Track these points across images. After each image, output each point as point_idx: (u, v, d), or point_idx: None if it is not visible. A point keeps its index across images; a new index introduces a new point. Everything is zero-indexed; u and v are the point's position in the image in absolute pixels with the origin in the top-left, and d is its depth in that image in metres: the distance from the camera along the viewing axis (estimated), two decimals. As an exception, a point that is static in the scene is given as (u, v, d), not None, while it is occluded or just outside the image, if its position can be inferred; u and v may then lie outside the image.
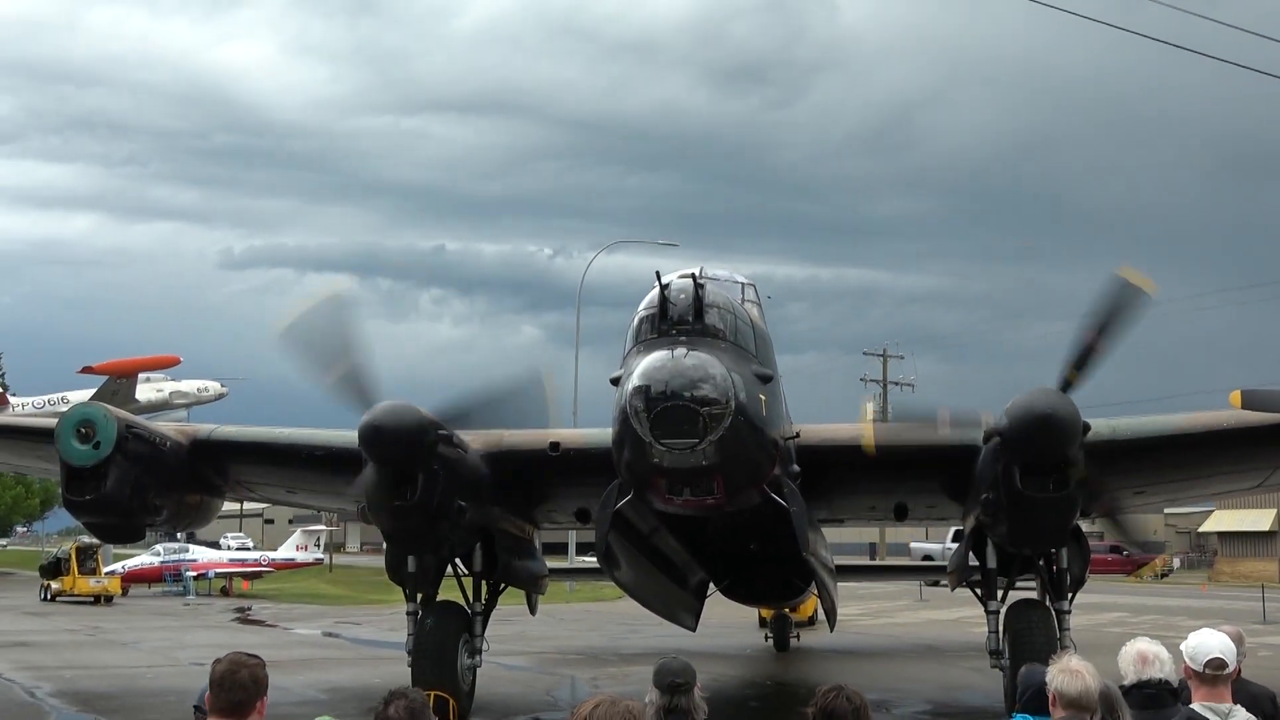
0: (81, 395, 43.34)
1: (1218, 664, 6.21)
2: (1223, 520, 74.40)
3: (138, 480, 18.18)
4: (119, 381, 47.07)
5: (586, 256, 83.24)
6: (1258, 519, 70.93)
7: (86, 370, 48.43)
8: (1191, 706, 6.20)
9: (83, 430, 17.63)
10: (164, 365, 52.16)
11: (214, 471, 19.97)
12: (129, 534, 19.89)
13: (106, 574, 51.74)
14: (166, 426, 20.20)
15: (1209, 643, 6.32)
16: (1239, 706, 6.23)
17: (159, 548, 59.00)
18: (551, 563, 26.47)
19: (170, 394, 53.13)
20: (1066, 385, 16.18)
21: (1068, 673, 6.13)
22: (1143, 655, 7.09)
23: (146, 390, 50.83)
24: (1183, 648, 6.47)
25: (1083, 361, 16.12)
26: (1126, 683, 7.17)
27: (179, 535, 57.29)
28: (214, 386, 55.69)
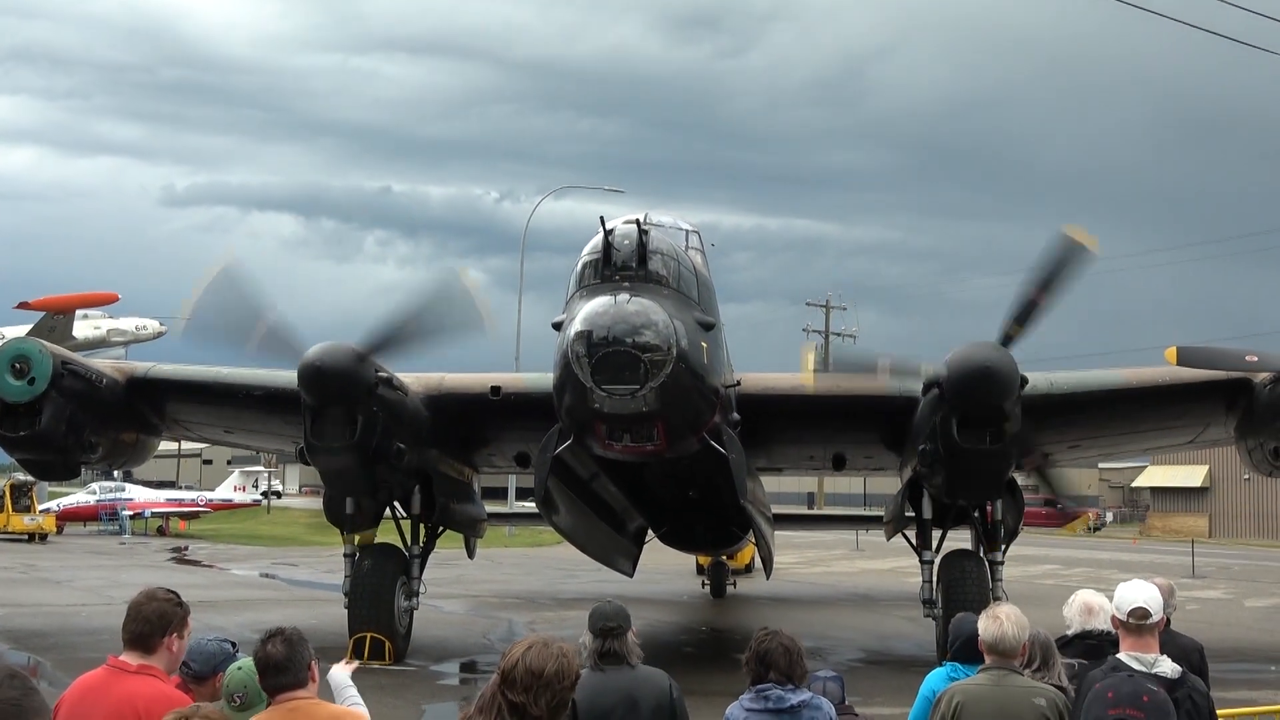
0: (17, 331, 42.65)
1: (1141, 613, 6.28)
2: (1155, 476, 75.42)
3: (73, 417, 18.02)
4: (56, 318, 46.41)
5: (534, 200, 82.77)
6: (1190, 475, 71.95)
7: (23, 306, 47.68)
8: (1118, 656, 6.28)
9: (18, 366, 17.44)
10: (102, 302, 51.43)
11: (150, 410, 19.81)
12: (64, 471, 19.73)
13: (41, 512, 51.25)
14: (103, 364, 20.01)
15: (1134, 593, 6.40)
16: (1164, 657, 6.31)
17: (95, 486, 58.53)
18: (490, 507, 26.48)
19: (108, 331, 52.43)
20: (1007, 339, 16.34)
21: (988, 618, 6.25)
22: (1088, 606, 7.21)
23: (84, 327, 50.15)
24: (1115, 597, 6.56)
25: (1025, 316, 16.28)
26: (1071, 632, 7.28)
27: (115, 474, 56.86)
28: (152, 325, 54.98)
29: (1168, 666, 6.24)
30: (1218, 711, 6.63)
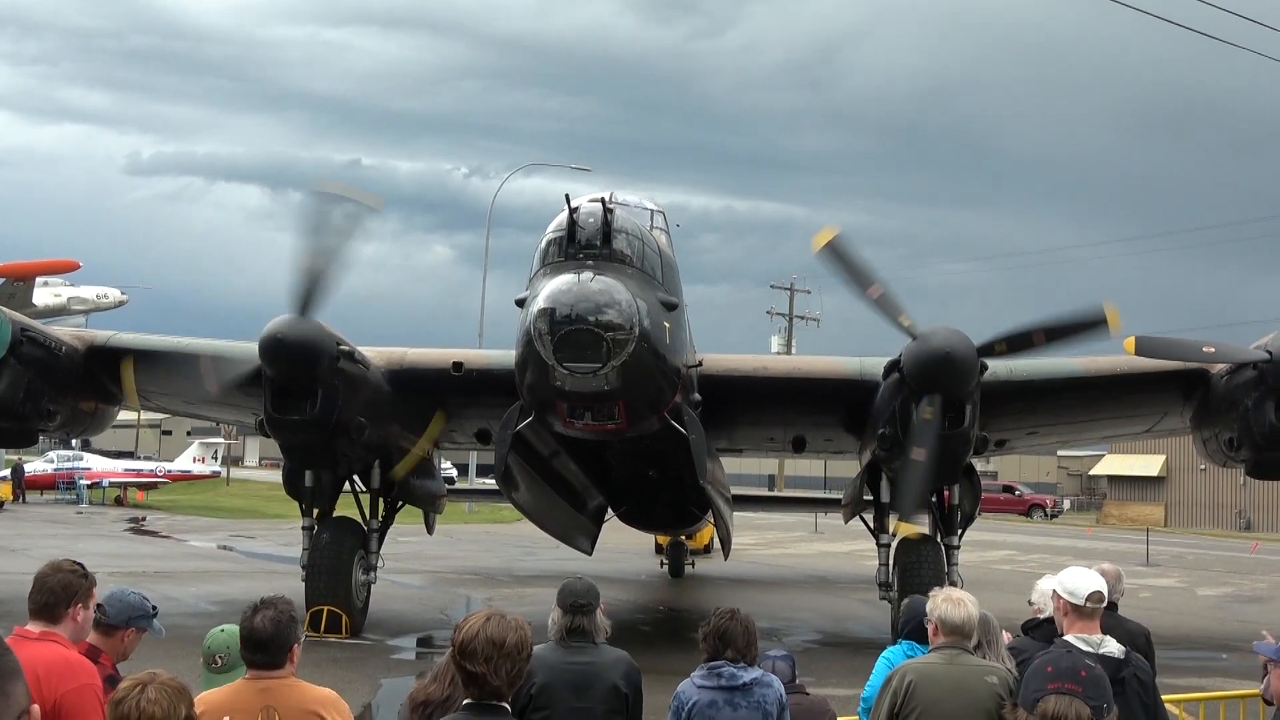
0: (-24, 297, 42.28)
1: (1098, 597, 6.39)
2: (1113, 464, 75.90)
3: (31, 385, 17.92)
4: (16, 284, 45.98)
5: (504, 177, 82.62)
6: (1147, 464, 72.46)
7: (-18, 272, 47.27)
8: (1066, 638, 6.36)
9: (-25, 332, 17.31)
10: (62, 270, 51.04)
11: (110, 379, 19.72)
12: (21, 439, 19.62)
13: (-1, 479, 50.96)
14: (63, 331, 19.88)
15: (1088, 579, 6.48)
16: (1109, 638, 6.40)
17: (52, 454, 58.14)
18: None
19: (68, 299, 52.11)
20: (989, 349, 16.48)
21: (950, 601, 6.27)
22: None
23: (44, 295, 49.78)
24: (1057, 585, 6.62)
25: (1017, 345, 16.57)
26: (1042, 616, 7.35)
27: (73, 442, 56.52)
28: (114, 293, 54.70)
29: (1114, 647, 6.33)
30: (1169, 698, 6.74)
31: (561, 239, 14.29)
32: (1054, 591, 6.66)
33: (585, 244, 14.11)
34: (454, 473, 63.90)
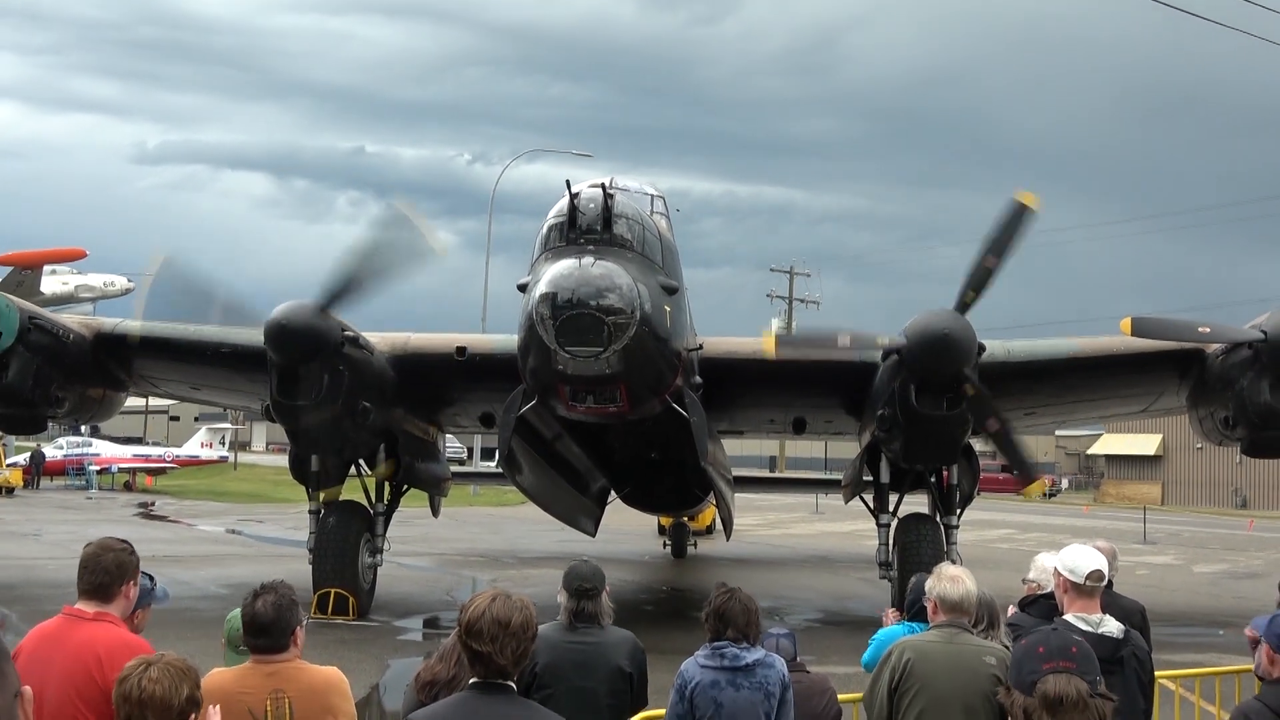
0: (-15, 286, 42.29)
1: (1098, 575, 6.45)
2: (1110, 444, 76.05)
3: (40, 372, 18.07)
4: (24, 273, 46.00)
5: (505, 163, 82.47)
6: (1144, 443, 72.60)
7: (-10, 261, 47.29)
8: (1065, 617, 6.41)
9: (-16, 320, 17.45)
10: (70, 258, 51.10)
11: (117, 365, 19.87)
12: (30, 425, 19.78)
13: (8, 465, 51.05)
14: (70, 319, 20.03)
15: (1089, 557, 6.53)
16: (1108, 616, 6.46)
17: (62, 441, 58.28)
18: (454, 466, 26.61)
19: (76, 287, 52.18)
20: (964, 306, 16.59)
21: (949, 579, 6.29)
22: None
23: (52, 283, 49.85)
24: (1057, 563, 6.71)
25: (980, 282, 16.54)
26: (1041, 593, 7.48)
27: (83, 429, 56.64)
28: (121, 281, 54.71)
29: (1113, 626, 6.36)
30: (1167, 674, 6.82)
31: (562, 224, 14.40)
32: (1055, 569, 6.67)
33: (586, 229, 14.22)
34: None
